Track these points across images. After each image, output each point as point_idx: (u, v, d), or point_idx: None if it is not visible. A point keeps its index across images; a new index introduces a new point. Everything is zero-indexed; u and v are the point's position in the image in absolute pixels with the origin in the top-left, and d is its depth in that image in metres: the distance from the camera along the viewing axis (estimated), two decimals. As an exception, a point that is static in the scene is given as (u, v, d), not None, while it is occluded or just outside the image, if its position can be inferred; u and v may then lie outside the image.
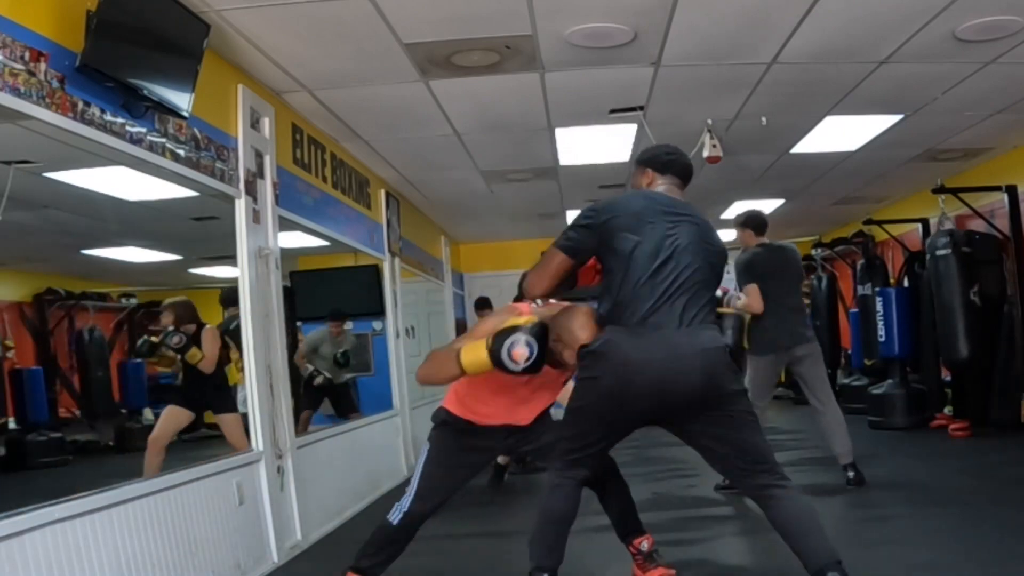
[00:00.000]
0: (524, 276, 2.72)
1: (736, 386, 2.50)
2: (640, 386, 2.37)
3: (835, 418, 4.54)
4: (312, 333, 7.09)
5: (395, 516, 2.85)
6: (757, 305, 4.55)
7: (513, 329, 2.43)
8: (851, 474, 4.51)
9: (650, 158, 2.76)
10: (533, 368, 2.44)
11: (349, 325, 7.30)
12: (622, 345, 2.40)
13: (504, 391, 2.77)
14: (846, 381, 8.77)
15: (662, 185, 2.71)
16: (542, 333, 2.45)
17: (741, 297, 4.65)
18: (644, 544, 2.97)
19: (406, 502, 2.85)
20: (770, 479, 2.45)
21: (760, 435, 2.52)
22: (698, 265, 2.51)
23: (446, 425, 2.91)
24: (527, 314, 2.59)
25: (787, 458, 5.51)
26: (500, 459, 5.17)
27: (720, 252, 2.64)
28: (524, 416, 2.87)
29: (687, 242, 2.51)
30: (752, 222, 4.82)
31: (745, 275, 4.64)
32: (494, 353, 2.42)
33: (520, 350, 2.41)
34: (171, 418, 4.87)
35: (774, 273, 4.60)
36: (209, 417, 5.06)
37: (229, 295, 5.42)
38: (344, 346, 7.00)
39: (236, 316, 5.22)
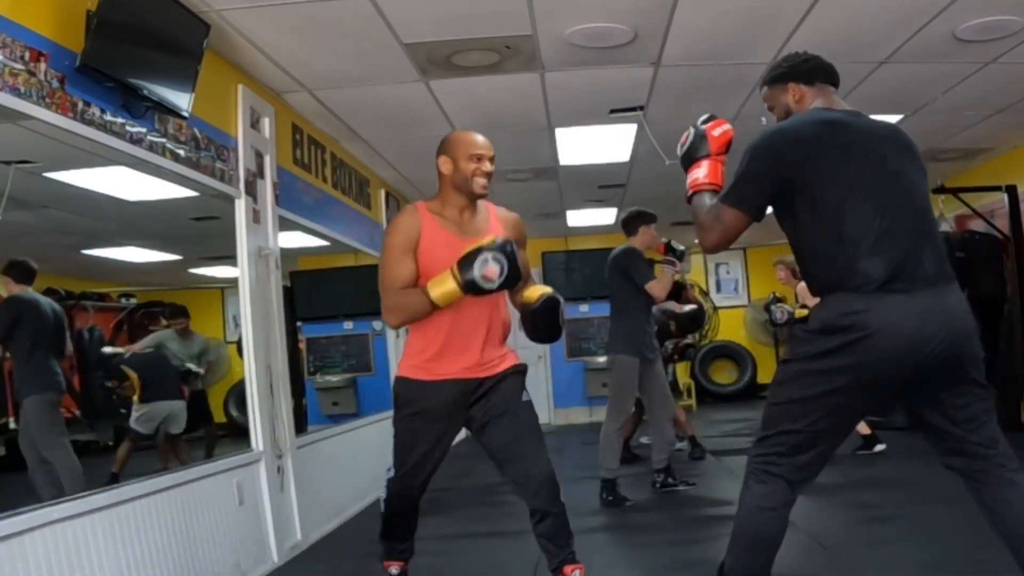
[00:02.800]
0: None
1: (980, 354, 2.13)
2: (895, 359, 1.99)
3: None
4: (156, 333, 6.65)
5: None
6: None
7: (475, 252, 2.40)
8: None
9: (789, 69, 2.33)
10: (508, 283, 2.41)
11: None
12: (871, 315, 1.99)
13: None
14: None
15: (819, 99, 2.29)
16: (505, 247, 2.42)
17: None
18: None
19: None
20: (1000, 470, 2.13)
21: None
22: (922, 196, 2.14)
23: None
24: None
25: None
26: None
27: (923, 169, 2.22)
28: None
29: (898, 167, 2.11)
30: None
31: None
32: (466, 279, 2.38)
33: (491, 267, 2.39)
34: None
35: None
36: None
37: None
38: (195, 347, 6.56)
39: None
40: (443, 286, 2.43)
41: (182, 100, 3.15)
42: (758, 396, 10.56)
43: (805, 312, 5.03)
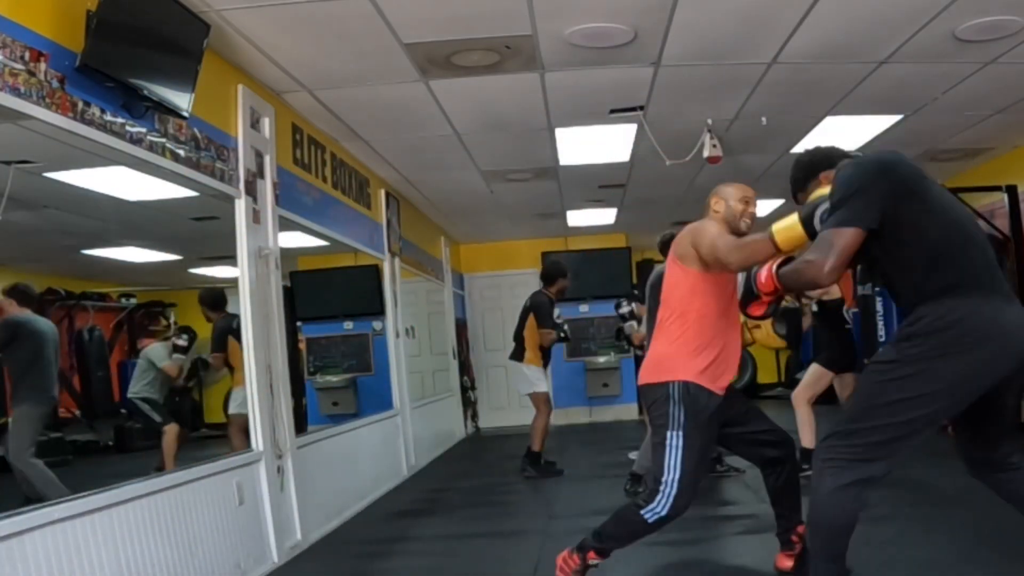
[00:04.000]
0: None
1: None
2: (1008, 358, 2.18)
3: None
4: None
5: (651, 516, 2.71)
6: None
7: (820, 200, 2.36)
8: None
9: (822, 159, 2.56)
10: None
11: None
12: (983, 315, 2.17)
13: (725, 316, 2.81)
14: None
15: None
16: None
17: None
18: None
19: (664, 505, 2.70)
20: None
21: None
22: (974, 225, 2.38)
23: (699, 406, 2.74)
24: None
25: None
26: None
27: None
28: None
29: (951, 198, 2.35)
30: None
31: None
32: (809, 219, 2.34)
33: (824, 213, 2.31)
34: None
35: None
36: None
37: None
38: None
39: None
40: (790, 228, 2.40)
41: (182, 100, 3.15)
42: (758, 396, 10.56)
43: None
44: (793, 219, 2.39)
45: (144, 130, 3.05)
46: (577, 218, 8.91)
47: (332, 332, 8.09)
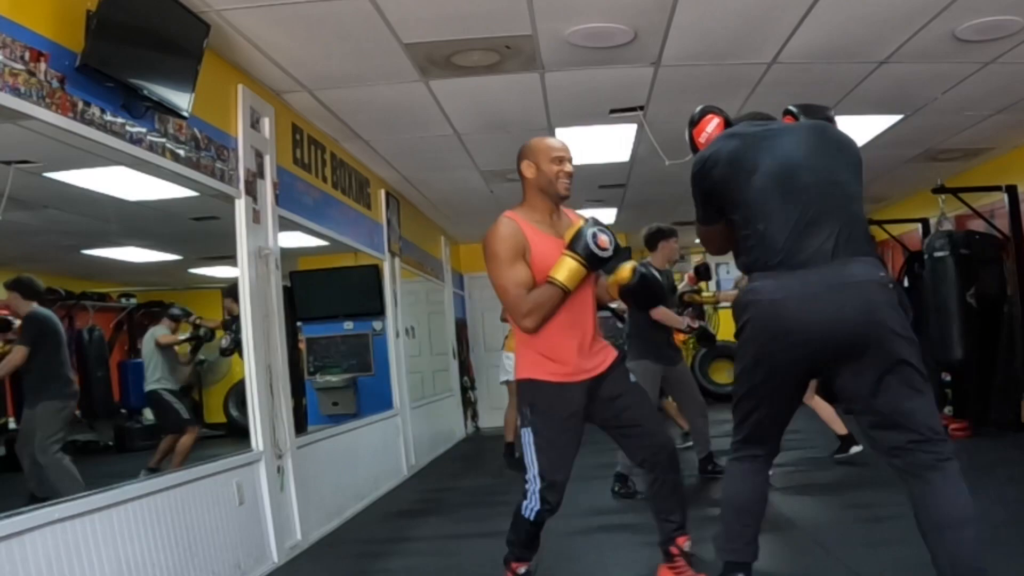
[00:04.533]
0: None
1: (904, 331, 2.17)
2: (787, 327, 2.19)
3: None
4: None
5: (527, 512, 2.74)
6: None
7: (580, 230, 2.62)
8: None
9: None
10: (617, 252, 2.66)
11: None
12: (765, 287, 2.25)
13: (573, 326, 2.73)
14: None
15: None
16: (600, 223, 2.67)
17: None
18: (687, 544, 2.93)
19: (534, 500, 2.72)
20: (929, 458, 2.13)
21: (929, 397, 2.19)
22: (823, 178, 2.31)
23: (545, 402, 2.71)
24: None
25: (787, 458, 5.51)
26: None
27: (847, 146, 2.47)
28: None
29: (801, 154, 2.34)
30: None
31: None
32: (584, 253, 2.58)
33: (602, 236, 2.61)
34: None
35: None
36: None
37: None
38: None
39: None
40: (566, 267, 2.59)
41: (182, 100, 3.15)
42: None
43: None
44: (567, 261, 2.60)
45: (144, 130, 3.05)
46: (577, 218, 8.90)
47: (332, 332, 8.08)
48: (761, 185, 2.29)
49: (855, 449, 5.30)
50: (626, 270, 2.86)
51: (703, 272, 5.47)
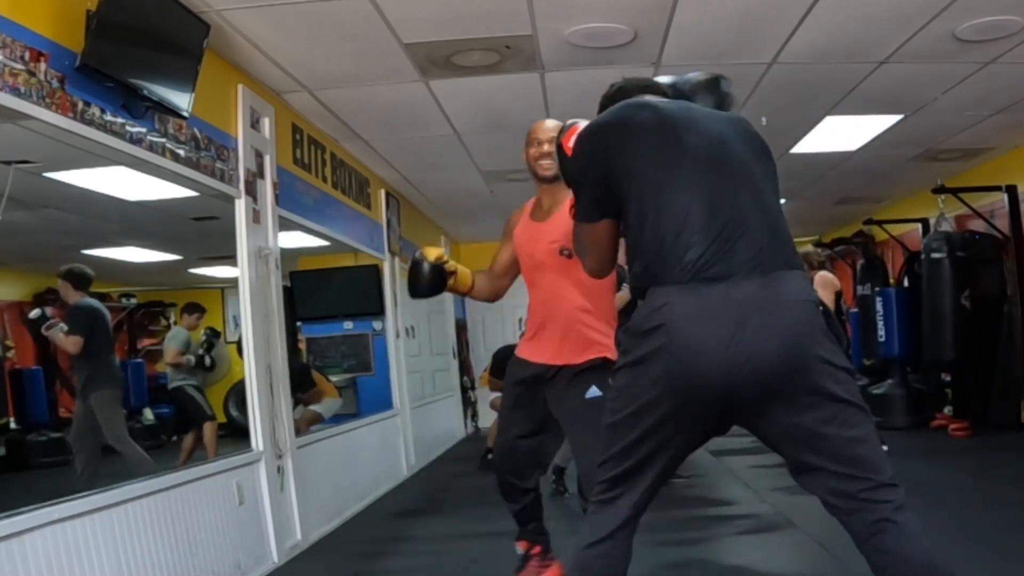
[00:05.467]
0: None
1: (836, 359, 1.67)
2: (705, 368, 1.62)
3: None
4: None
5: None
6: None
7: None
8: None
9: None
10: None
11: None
12: (675, 309, 1.65)
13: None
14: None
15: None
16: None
17: None
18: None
19: None
20: (883, 509, 1.69)
21: (873, 439, 1.70)
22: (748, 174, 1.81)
23: (510, 373, 2.92)
24: None
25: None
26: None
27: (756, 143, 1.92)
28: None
29: (726, 142, 1.83)
30: None
31: None
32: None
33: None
34: None
35: None
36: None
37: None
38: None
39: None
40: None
41: (182, 100, 3.15)
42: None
43: None
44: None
45: (144, 130, 3.05)
46: (577, 218, 8.90)
47: (332, 332, 8.08)
48: (673, 172, 1.75)
49: None
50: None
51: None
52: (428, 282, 2.84)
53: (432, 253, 2.83)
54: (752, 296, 1.63)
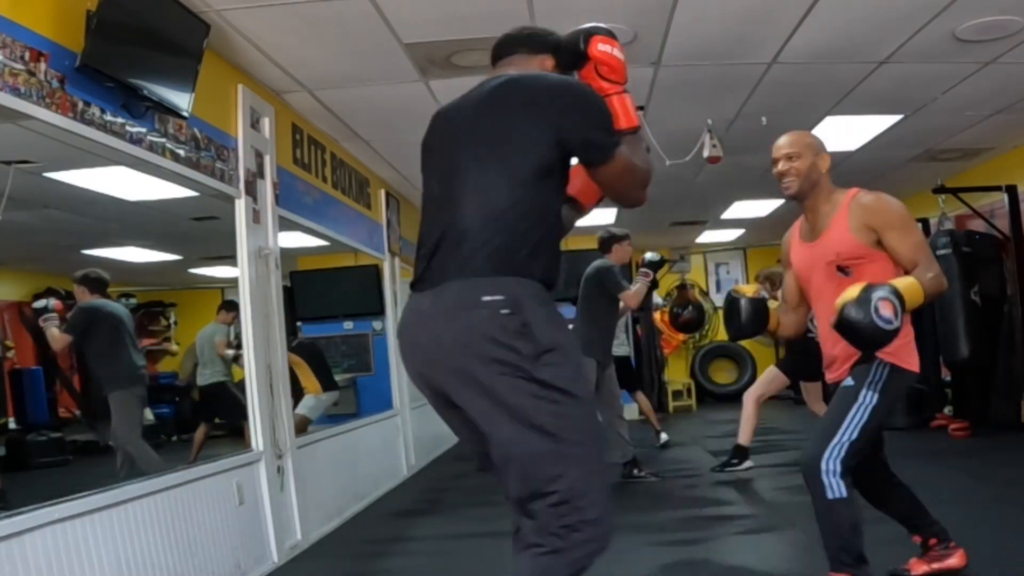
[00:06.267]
0: None
1: (503, 358, 1.63)
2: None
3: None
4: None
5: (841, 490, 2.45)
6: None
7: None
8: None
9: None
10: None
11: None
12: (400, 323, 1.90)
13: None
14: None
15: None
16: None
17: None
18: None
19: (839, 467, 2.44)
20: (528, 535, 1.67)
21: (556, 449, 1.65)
22: (456, 176, 1.79)
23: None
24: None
25: (786, 458, 5.51)
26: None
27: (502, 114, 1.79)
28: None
29: (450, 148, 1.83)
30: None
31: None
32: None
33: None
34: None
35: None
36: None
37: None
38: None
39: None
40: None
41: (182, 100, 3.15)
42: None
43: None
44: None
45: (144, 130, 3.05)
46: (577, 218, 8.89)
47: (332, 332, 8.09)
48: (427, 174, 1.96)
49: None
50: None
51: (653, 265, 5.13)
52: (750, 320, 2.68)
53: (749, 289, 2.73)
54: (421, 306, 1.82)
